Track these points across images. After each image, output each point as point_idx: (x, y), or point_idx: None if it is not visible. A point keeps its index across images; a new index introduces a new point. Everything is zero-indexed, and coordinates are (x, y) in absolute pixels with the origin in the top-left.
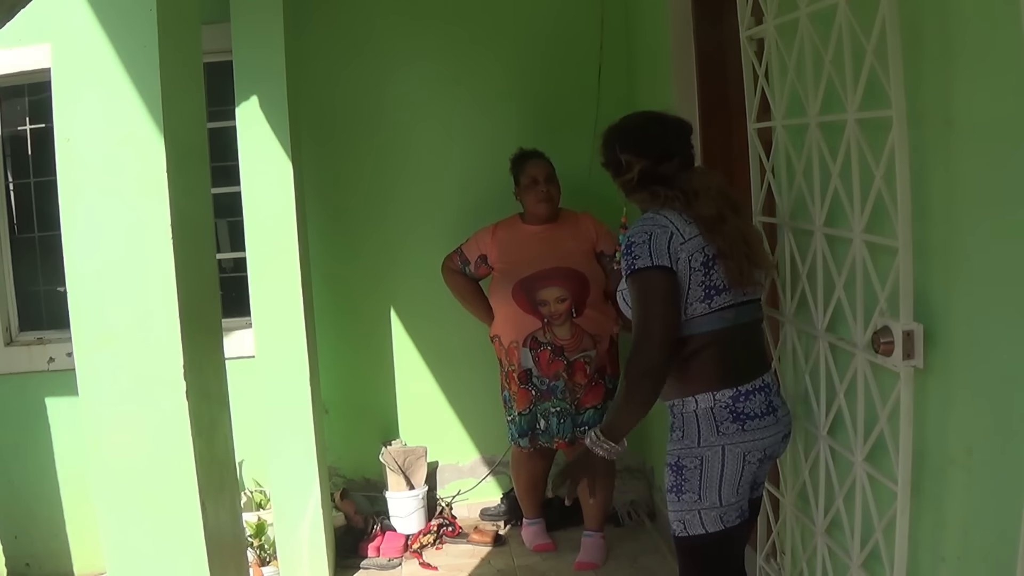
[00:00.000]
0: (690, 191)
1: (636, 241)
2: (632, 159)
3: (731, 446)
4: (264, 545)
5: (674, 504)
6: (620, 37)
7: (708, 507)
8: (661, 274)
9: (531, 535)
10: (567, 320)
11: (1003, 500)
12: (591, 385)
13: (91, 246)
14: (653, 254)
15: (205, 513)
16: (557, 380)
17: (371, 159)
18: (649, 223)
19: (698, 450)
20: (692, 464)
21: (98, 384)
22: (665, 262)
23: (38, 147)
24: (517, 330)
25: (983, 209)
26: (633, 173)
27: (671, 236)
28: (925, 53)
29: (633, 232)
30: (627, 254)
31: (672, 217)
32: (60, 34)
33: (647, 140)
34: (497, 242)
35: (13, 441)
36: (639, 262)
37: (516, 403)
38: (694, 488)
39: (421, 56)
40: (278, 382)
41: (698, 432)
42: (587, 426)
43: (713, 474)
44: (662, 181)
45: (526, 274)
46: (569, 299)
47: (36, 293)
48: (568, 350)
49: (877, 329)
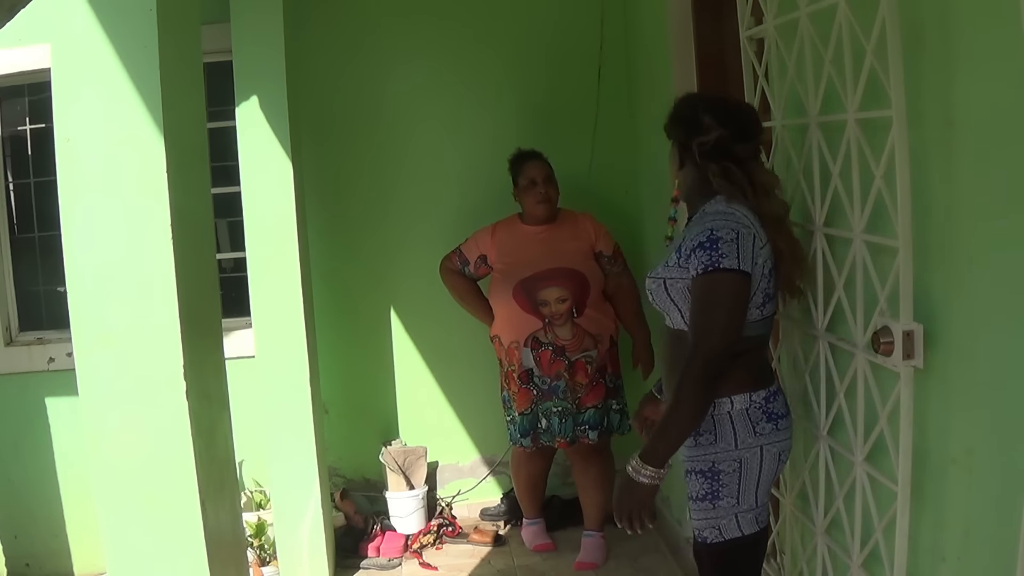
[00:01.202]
0: (758, 184)
1: (723, 237)
2: (713, 123)
3: (768, 446)
4: (264, 545)
5: (707, 512)
6: (620, 37)
7: (746, 510)
8: (743, 280)
9: (531, 535)
10: (568, 320)
11: (1003, 500)
12: (592, 385)
13: (91, 246)
14: (741, 256)
15: (205, 513)
16: (558, 380)
17: (371, 158)
18: (733, 220)
19: (736, 452)
20: (730, 468)
21: (98, 384)
22: (748, 267)
23: (38, 147)
24: (518, 330)
25: (983, 209)
26: (711, 137)
27: (754, 238)
28: (925, 53)
29: (717, 225)
30: (709, 248)
31: (748, 215)
32: (60, 34)
33: (732, 111)
34: (497, 242)
35: (13, 441)
36: (725, 261)
37: (516, 403)
38: (732, 492)
39: (421, 55)
40: (278, 382)
41: (734, 434)
42: (587, 426)
43: (751, 476)
44: (736, 161)
45: (526, 275)
46: (570, 299)
47: (36, 293)
48: (570, 350)
49: (877, 329)
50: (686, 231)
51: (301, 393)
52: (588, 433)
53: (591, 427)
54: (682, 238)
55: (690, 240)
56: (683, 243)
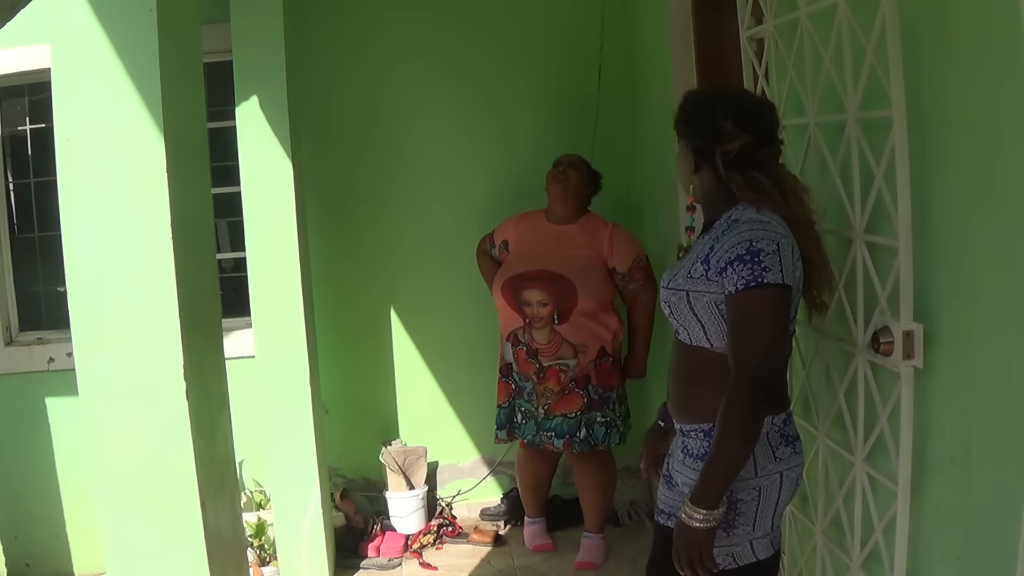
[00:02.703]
0: (788, 190)
1: (764, 249)
2: (736, 129)
3: (788, 471)
4: (264, 545)
5: (721, 540)
6: (620, 37)
7: (761, 536)
8: (787, 295)
9: (531, 535)
10: (547, 325)
11: (1003, 500)
12: (564, 393)
13: (91, 246)
14: (784, 269)
15: (205, 513)
16: (527, 381)
17: (371, 158)
18: (770, 229)
19: (756, 480)
20: (749, 497)
21: (98, 384)
22: (791, 280)
23: (38, 147)
24: (504, 323)
25: (983, 209)
26: (734, 145)
27: (792, 248)
28: (925, 53)
29: (756, 235)
30: (750, 261)
31: (782, 223)
32: (60, 34)
33: (756, 113)
34: (518, 231)
35: (13, 441)
36: (769, 275)
37: (497, 394)
38: (748, 521)
39: (420, 55)
40: (278, 382)
41: (754, 461)
42: (553, 433)
43: (770, 503)
44: (761, 168)
45: (517, 272)
46: (551, 305)
47: (36, 293)
48: (543, 354)
49: (877, 329)
50: (708, 240)
51: (301, 393)
52: (553, 440)
53: (557, 435)
54: (707, 247)
55: (723, 251)
56: (711, 254)
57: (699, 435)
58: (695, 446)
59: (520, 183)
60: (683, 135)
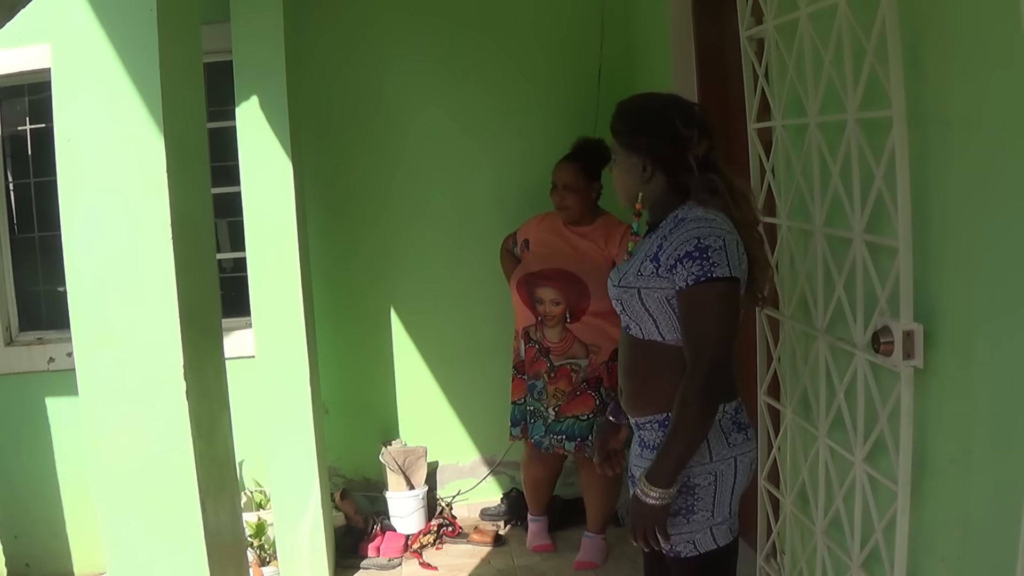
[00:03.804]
0: (735, 189)
1: (712, 245)
2: (696, 134)
3: (741, 456)
4: (264, 545)
5: (681, 527)
6: (620, 37)
7: (720, 521)
8: (736, 286)
9: (532, 533)
10: (560, 324)
11: (1003, 500)
12: (576, 394)
13: (91, 246)
14: (732, 263)
15: (205, 513)
16: (537, 380)
17: (371, 158)
18: (716, 226)
19: (711, 465)
20: (705, 481)
21: (98, 384)
22: (738, 273)
23: (38, 147)
24: (519, 320)
25: (983, 209)
26: (700, 151)
27: (737, 243)
28: (925, 53)
29: (703, 233)
30: (699, 257)
31: (727, 221)
32: (60, 34)
33: (705, 119)
34: (538, 231)
35: (13, 441)
36: (717, 269)
37: (513, 391)
38: (707, 506)
39: (420, 55)
40: (278, 382)
41: (708, 447)
42: (564, 436)
43: (726, 488)
44: (714, 169)
45: (533, 269)
46: (564, 304)
47: (36, 293)
48: (554, 353)
49: (877, 329)
50: (656, 239)
51: (301, 393)
52: (564, 443)
53: (568, 437)
54: (655, 245)
55: (672, 249)
56: (660, 252)
57: (654, 426)
58: (651, 437)
59: (520, 182)
60: (635, 147)
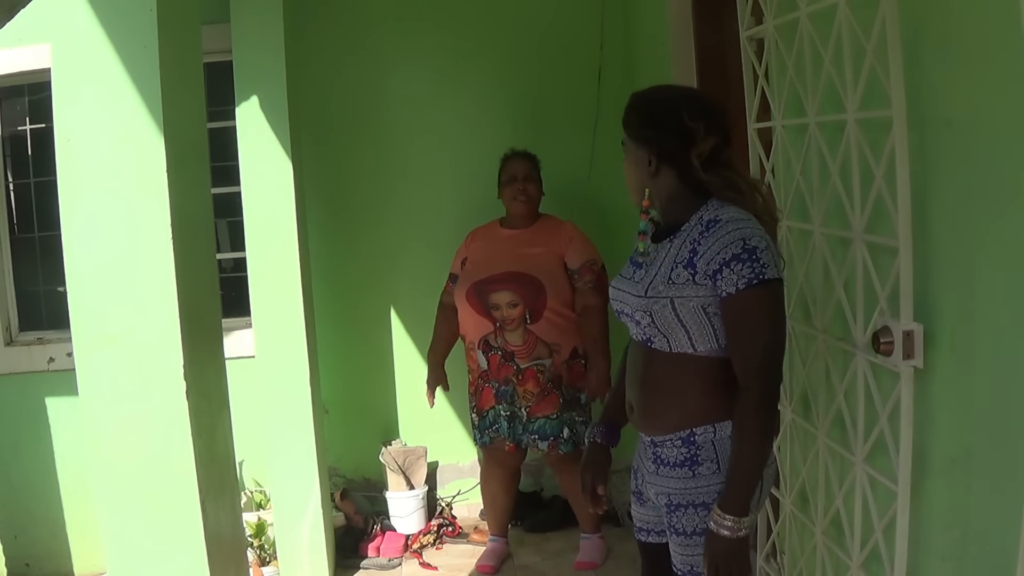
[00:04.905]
0: (760, 189)
1: (758, 245)
2: (705, 130)
3: (767, 467)
4: (264, 545)
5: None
6: (620, 37)
7: None
8: (783, 288)
9: (484, 553)
10: (520, 326)
11: (1003, 500)
12: (544, 395)
13: (91, 246)
14: (777, 264)
15: (205, 513)
16: (507, 385)
17: (371, 158)
18: (756, 226)
19: None
20: None
21: (98, 384)
22: (781, 274)
23: (38, 147)
24: (472, 332)
25: (983, 209)
26: (707, 146)
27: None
28: (925, 53)
29: (747, 233)
30: (747, 259)
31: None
32: (60, 34)
33: (719, 113)
34: (472, 246)
35: (13, 441)
36: (768, 271)
37: (480, 401)
38: None
39: (421, 56)
40: (278, 382)
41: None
42: (537, 436)
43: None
44: (728, 167)
45: (481, 277)
46: (521, 305)
47: (36, 293)
48: (519, 356)
49: (877, 329)
50: (684, 243)
51: (301, 393)
52: (538, 443)
53: (541, 437)
54: (687, 250)
55: (714, 253)
56: (696, 257)
57: (676, 443)
58: (671, 455)
59: None
60: (642, 139)
